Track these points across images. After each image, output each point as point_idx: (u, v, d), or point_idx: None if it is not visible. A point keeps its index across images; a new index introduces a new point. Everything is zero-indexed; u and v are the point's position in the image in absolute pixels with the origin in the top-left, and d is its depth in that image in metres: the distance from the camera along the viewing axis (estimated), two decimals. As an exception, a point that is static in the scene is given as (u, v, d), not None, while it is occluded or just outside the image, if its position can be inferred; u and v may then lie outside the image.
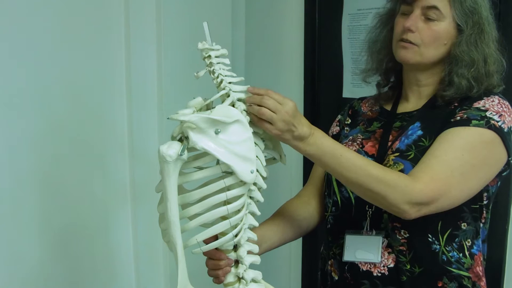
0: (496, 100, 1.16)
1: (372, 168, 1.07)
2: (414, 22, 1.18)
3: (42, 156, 1.51)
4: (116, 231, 1.78)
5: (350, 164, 1.07)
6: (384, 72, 1.33)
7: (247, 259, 1.09)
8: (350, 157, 1.07)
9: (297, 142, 1.05)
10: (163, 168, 0.96)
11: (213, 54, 1.02)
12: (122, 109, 1.76)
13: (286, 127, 1.02)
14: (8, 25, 1.39)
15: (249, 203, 1.05)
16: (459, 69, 1.18)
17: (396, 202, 1.06)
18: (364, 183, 1.07)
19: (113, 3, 1.70)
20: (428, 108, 1.24)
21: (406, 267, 1.17)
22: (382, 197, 1.07)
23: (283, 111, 1.01)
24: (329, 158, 1.07)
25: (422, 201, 1.07)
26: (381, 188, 1.06)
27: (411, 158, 1.16)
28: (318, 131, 1.08)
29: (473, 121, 1.12)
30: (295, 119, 1.03)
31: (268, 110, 1.01)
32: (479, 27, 1.18)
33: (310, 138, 1.06)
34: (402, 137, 1.21)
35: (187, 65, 1.74)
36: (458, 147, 1.10)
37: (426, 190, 1.06)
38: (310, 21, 2.11)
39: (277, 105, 1.01)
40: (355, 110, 1.40)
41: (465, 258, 1.18)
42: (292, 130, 1.03)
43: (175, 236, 0.98)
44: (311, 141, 1.06)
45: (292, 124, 1.02)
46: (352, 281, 1.22)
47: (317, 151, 1.07)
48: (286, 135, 1.03)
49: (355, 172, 1.06)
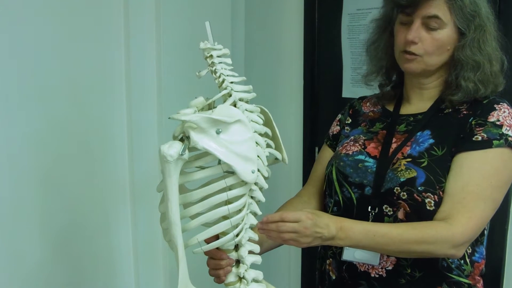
0: (506, 110, 1.17)
1: (408, 234, 1.09)
2: (416, 34, 1.17)
3: (42, 156, 1.51)
4: (116, 231, 1.78)
5: (387, 239, 1.09)
6: (385, 72, 1.33)
7: (248, 258, 1.09)
8: (384, 233, 1.09)
9: (330, 242, 1.09)
10: (164, 168, 0.95)
11: (215, 53, 1.02)
12: (121, 109, 1.75)
13: (311, 238, 1.06)
14: (8, 25, 1.39)
15: (250, 203, 1.05)
16: (465, 73, 1.17)
17: (443, 253, 1.11)
18: (406, 249, 1.10)
19: (113, 3, 1.70)
20: (434, 112, 1.23)
21: (407, 271, 1.17)
22: (428, 253, 1.11)
23: (302, 228, 1.04)
24: (366, 243, 1.10)
25: (466, 241, 1.11)
26: (424, 248, 1.09)
27: (424, 166, 1.15)
28: (344, 221, 1.10)
29: (494, 142, 1.13)
30: (317, 227, 1.06)
31: (289, 234, 1.05)
32: (482, 29, 1.17)
33: (340, 233, 1.08)
34: (413, 143, 1.20)
35: (187, 65, 1.74)
36: (486, 175, 1.12)
37: (466, 231, 1.09)
38: (309, 21, 2.11)
39: (295, 226, 1.04)
40: (356, 109, 1.40)
41: (466, 265, 1.18)
42: (319, 236, 1.06)
43: (175, 236, 0.98)
44: (342, 236, 1.09)
45: (315, 232, 1.06)
46: (349, 281, 1.22)
47: (351, 242, 1.10)
48: (315, 242, 1.07)
49: (394, 244, 1.09)
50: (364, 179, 1.21)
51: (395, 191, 1.15)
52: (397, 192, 1.15)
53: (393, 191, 1.16)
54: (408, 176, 1.15)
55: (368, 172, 1.21)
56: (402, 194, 1.15)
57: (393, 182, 1.16)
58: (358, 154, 1.26)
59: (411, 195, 1.14)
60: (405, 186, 1.14)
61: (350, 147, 1.28)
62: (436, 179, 1.14)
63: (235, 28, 2.17)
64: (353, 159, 1.25)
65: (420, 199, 1.13)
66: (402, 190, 1.15)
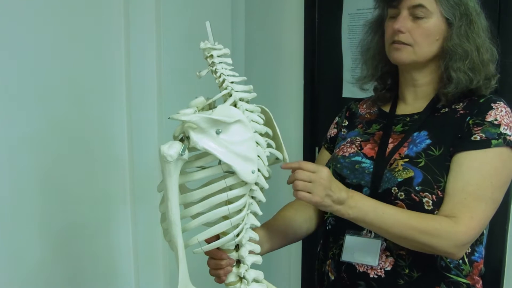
0: (503, 109, 1.17)
1: (413, 221, 1.09)
2: (403, 23, 1.19)
3: (42, 156, 1.51)
4: (116, 231, 1.78)
5: (393, 220, 1.09)
6: (380, 77, 1.33)
7: (249, 259, 1.09)
8: (392, 213, 1.10)
9: (338, 206, 1.08)
10: (164, 168, 0.95)
11: (216, 53, 1.02)
12: (122, 109, 1.75)
13: (324, 193, 1.05)
14: (8, 25, 1.39)
15: (250, 203, 1.05)
16: (454, 63, 1.19)
17: (444, 249, 1.10)
18: (409, 236, 1.09)
19: (113, 3, 1.70)
20: (430, 111, 1.24)
21: (405, 271, 1.17)
22: (429, 246, 1.10)
23: (319, 178, 1.04)
24: (372, 218, 1.10)
25: (467, 241, 1.11)
26: (427, 239, 1.09)
27: (421, 166, 1.15)
28: (356, 193, 1.12)
29: (493, 141, 1.13)
30: (332, 185, 1.07)
31: (303, 182, 1.05)
32: (468, 18, 1.19)
33: (350, 201, 1.09)
34: (410, 144, 1.20)
35: (187, 65, 1.75)
36: (486, 175, 1.12)
37: (469, 231, 1.09)
38: (310, 21, 2.11)
39: (311, 175, 1.05)
40: (353, 112, 1.41)
41: (465, 265, 1.18)
42: (330, 195, 1.06)
43: (175, 236, 0.98)
44: (352, 204, 1.09)
45: (329, 189, 1.06)
46: (348, 281, 1.22)
47: (359, 212, 1.09)
48: (326, 201, 1.07)
49: (399, 227, 1.09)
50: (362, 180, 1.21)
51: (392, 191, 1.16)
52: (394, 192, 1.15)
53: (391, 191, 1.16)
54: (406, 176, 1.15)
55: (365, 173, 1.22)
56: (399, 194, 1.15)
57: (390, 183, 1.16)
58: (355, 155, 1.26)
59: (409, 195, 1.14)
60: (403, 186, 1.15)
61: (346, 149, 1.29)
62: (434, 178, 1.14)
63: (235, 28, 2.17)
64: (350, 160, 1.26)
65: (418, 199, 1.14)
66: (399, 190, 1.15)
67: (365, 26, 1.34)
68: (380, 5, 1.29)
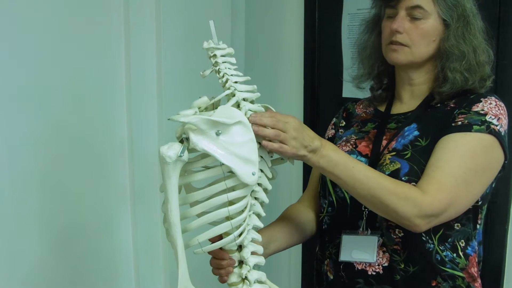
0: (493, 102, 1.17)
1: (383, 180, 1.07)
2: (401, 24, 1.19)
3: (42, 156, 1.51)
4: (116, 231, 1.78)
5: (362, 175, 1.06)
6: (376, 76, 1.34)
7: (251, 259, 1.08)
8: (362, 169, 1.08)
9: (311, 156, 1.05)
10: (163, 169, 0.95)
11: (219, 53, 1.01)
12: (122, 109, 1.75)
13: (299, 144, 1.02)
14: (8, 25, 1.39)
15: (253, 204, 1.04)
16: (450, 64, 1.19)
17: (407, 216, 1.06)
18: (376, 195, 1.06)
19: (113, 3, 1.70)
20: (423, 108, 1.24)
21: (400, 266, 1.17)
22: (393, 210, 1.07)
23: (291, 128, 1.01)
24: (342, 170, 1.06)
25: (433, 213, 1.07)
26: (392, 201, 1.06)
27: (407, 157, 1.16)
28: (328, 143, 1.08)
29: (474, 127, 1.12)
30: (304, 133, 1.03)
31: (275, 131, 1.00)
32: (465, 19, 1.19)
33: (322, 149, 1.05)
34: (399, 137, 1.21)
35: (187, 65, 1.75)
36: (460, 155, 1.11)
37: (435, 201, 1.06)
38: (310, 20, 2.11)
39: (285, 125, 1.00)
40: (350, 112, 1.41)
41: (459, 258, 1.18)
42: (305, 147, 1.03)
43: (175, 237, 0.98)
44: (324, 153, 1.05)
45: (303, 140, 1.02)
46: (347, 280, 1.22)
47: (329, 162, 1.06)
48: (301, 150, 1.02)
49: (367, 184, 1.06)
50: None
51: None
52: None
53: None
54: (392, 169, 1.15)
55: None
56: None
57: None
58: (350, 153, 1.26)
59: None
60: None
61: (342, 147, 1.29)
62: (420, 168, 1.13)
63: (235, 28, 2.16)
64: None
65: None
66: None
67: (362, 25, 1.34)
68: (377, 4, 1.30)
